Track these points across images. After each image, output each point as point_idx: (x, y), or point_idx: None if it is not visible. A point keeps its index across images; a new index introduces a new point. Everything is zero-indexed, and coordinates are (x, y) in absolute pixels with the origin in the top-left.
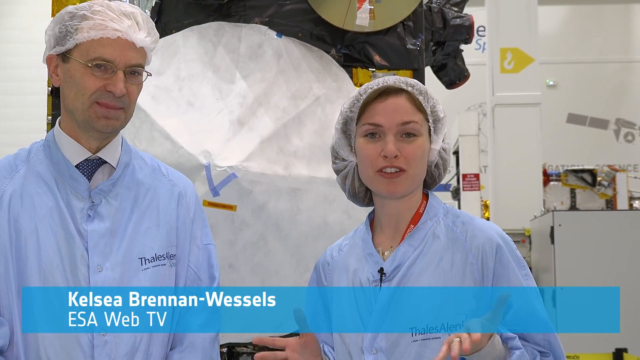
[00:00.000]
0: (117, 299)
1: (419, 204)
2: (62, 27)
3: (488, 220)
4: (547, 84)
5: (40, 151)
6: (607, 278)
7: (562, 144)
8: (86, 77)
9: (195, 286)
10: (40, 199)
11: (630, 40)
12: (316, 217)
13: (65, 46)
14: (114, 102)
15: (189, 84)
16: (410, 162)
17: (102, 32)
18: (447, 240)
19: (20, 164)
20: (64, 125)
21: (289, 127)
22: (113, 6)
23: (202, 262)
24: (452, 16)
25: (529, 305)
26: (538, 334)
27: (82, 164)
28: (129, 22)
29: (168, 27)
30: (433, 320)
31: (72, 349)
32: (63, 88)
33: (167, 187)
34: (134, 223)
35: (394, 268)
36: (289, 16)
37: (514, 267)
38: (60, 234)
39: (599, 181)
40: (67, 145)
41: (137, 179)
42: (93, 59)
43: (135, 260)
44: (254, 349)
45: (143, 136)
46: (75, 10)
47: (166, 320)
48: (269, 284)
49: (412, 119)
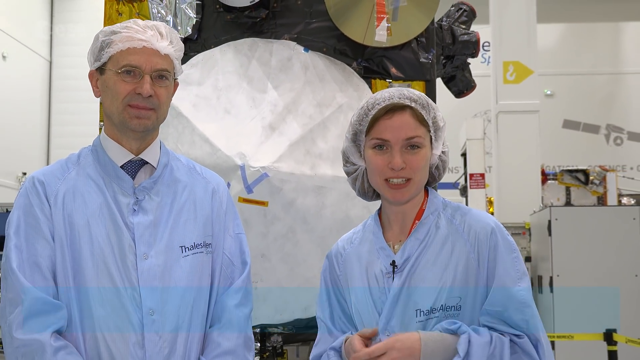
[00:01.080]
0: (162, 283)
1: (422, 201)
2: (98, 44)
3: (486, 212)
4: (545, 94)
5: (89, 154)
6: (599, 266)
7: (559, 147)
8: (118, 83)
9: (230, 271)
10: (91, 197)
11: (619, 54)
12: (339, 212)
13: (101, 60)
14: (144, 103)
15: (226, 93)
16: (415, 171)
17: (129, 43)
18: (448, 232)
19: (72, 166)
20: (107, 131)
21: (315, 132)
22: (139, 22)
23: (235, 249)
24: (461, 33)
25: (509, 287)
26: (516, 314)
27: (126, 165)
28: (152, 32)
29: (207, 43)
30: (434, 303)
31: (124, 327)
32: (102, 97)
33: (202, 184)
34: (174, 216)
35: (404, 260)
36: (314, 33)
37: (503, 252)
38: (109, 226)
39: (591, 180)
40: (112, 148)
41: (175, 177)
42: (123, 66)
43: (177, 248)
44: (283, 330)
45: (185, 140)
46: (107, 29)
47: (205, 301)
48: (297, 271)
49: (416, 133)
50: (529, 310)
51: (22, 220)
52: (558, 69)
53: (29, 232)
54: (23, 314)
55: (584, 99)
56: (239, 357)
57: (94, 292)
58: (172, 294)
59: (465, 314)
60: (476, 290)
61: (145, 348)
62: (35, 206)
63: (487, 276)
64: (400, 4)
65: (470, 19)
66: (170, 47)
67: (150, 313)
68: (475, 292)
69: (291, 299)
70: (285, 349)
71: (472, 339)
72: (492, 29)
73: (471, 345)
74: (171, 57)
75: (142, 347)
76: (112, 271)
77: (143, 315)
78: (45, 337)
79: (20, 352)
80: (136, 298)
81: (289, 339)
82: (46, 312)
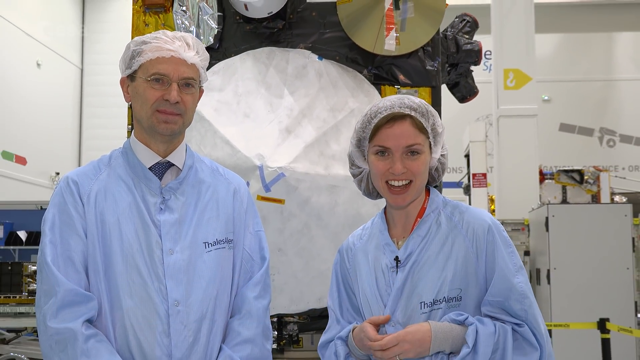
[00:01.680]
0: (187, 276)
1: (423, 200)
2: (129, 53)
3: (483, 210)
4: (542, 99)
5: (119, 156)
6: (593, 260)
7: (555, 149)
8: (148, 90)
9: (249, 265)
10: (121, 196)
11: (612, 62)
12: (351, 209)
13: (132, 68)
14: (172, 108)
15: (245, 98)
16: (415, 175)
17: (159, 52)
18: (448, 229)
19: (103, 167)
20: (137, 134)
21: (329, 135)
22: (168, 33)
23: (254, 245)
24: (464, 42)
25: (508, 280)
26: (516, 304)
27: (154, 167)
28: (179, 43)
29: (228, 52)
30: (437, 295)
31: (151, 317)
32: (133, 103)
33: (224, 185)
34: (198, 214)
35: (406, 256)
36: (328, 42)
37: (500, 246)
38: (138, 224)
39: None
40: (141, 151)
41: (199, 178)
42: (152, 74)
43: (200, 244)
44: (299, 319)
45: (207, 142)
46: (138, 39)
47: (227, 293)
48: (312, 264)
49: (415, 141)
50: (527, 300)
51: (57, 218)
52: (555, 76)
53: (63, 229)
54: (56, 305)
55: (579, 103)
56: (257, 345)
57: (123, 284)
58: (196, 287)
59: (466, 304)
60: (475, 282)
61: (170, 337)
62: (70, 204)
63: (485, 269)
64: (408, 15)
65: (473, 30)
66: (197, 57)
67: (175, 304)
68: (474, 284)
69: (306, 290)
70: (300, 337)
71: (479, 330)
72: (493, 38)
73: (478, 335)
74: (197, 66)
75: (168, 336)
76: (140, 265)
77: (169, 306)
78: (77, 326)
79: (54, 340)
80: (162, 290)
81: (304, 328)
82: (78, 303)
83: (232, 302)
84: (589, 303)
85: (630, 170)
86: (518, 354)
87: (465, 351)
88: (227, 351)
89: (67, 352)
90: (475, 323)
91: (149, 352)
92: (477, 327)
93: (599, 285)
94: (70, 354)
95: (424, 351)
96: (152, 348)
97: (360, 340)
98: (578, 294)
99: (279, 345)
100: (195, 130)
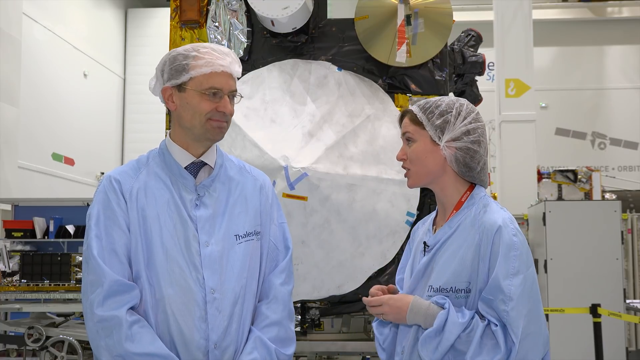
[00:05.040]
0: (221, 266)
1: (462, 194)
2: (178, 65)
3: (502, 211)
4: (540, 106)
5: (156, 156)
6: (586, 251)
7: (552, 151)
8: (202, 102)
9: (275, 254)
10: (160, 193)
11: (603, 73)
12: (367, 205)
13: (180, 79)
14: (223, 118)
15: (272, 105)
16: (410, 160)
17: (212, 67)
18: (470, 224)
19: (142, 167)
20: (175, 138)
21: (347, 138)
22: (215, 47)
23: (279, 236)
24: (469, 55)
25: (499, 281)
26: (501, 304)
27: (189, 166)
28: (229, 59)
29: (256, 63)
30: (445, 283)
31: (190, 304)
32: (180, 111)
33: (251, 181)
34: (229, 209)
35: (434, 243)
36: (346, 55)
37: (503, 249)
38: (176, 219)
39: (579, 178)
40: (178, 152)
41: (229, 175)
42: (208, 88)
43: (232, 237)
44: (320, 305)
45: (237, 145)
46: (186, 52)
47: (256, 280)
48: (332, 255)
49: (407, 130)
50: (512, 303)
51: (102, 214)
52: (551, 85)
53: (107, 224)
54: (103, 294)
55: (573, 110)
56: (283, 327)
57: (164, 274)
58: (229, 275)
59: (473, 297)
60: (478, 278)
61: (207, 322)
62: (113, 201)
63: (488, 268)
64: (419, 30)
65: (477, 43)
66: (240, 71)
67: (211, 292)
68: (478, 279)
69: (327, 278)
70: (321, 321)
71: (450, 316)
72: (495, 51)
73: (447, 321)
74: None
75: (205, 321)
76: (179, 257)
77: (206, 293)
78: (121, 313)
79: (101, 327)
80: (199, 279)
81: (325, 312)
82: (122, 292)
83: (260, 288)
84: (582, 290)
85: (620, 170)
86: (482, 350)
87: (429, 330)
88: (257, 332)
89: (112, 337)
90: (448, 309)
91: (188, 336)
92: (449, 313)
93: (591, 274)
94: (115, 338)
95: (401, 319)
96: (191, 333)
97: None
98: (572, 282)
99: (302, 329)
100: (227, 134)
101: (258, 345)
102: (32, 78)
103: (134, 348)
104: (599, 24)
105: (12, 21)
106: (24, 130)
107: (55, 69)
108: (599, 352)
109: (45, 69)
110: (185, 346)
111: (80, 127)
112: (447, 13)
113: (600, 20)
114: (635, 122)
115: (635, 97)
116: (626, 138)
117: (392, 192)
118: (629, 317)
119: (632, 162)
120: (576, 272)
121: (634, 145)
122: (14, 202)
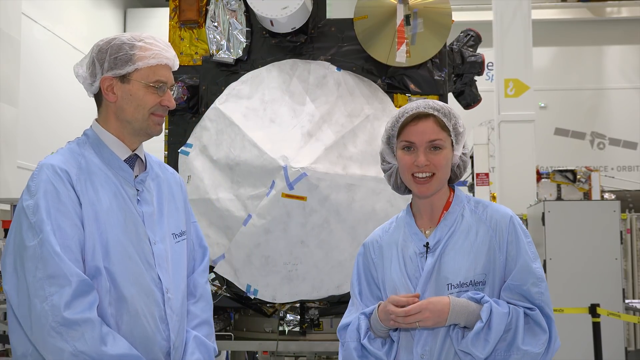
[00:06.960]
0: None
1: (448, 195)
2: (124, 55)
3: (503, 205)
4: (539, 106)
5: (89, 147)
6: (585, 251)
7: (551, 151)
8: (147, 95)
9: (194, 254)
10: (108, 185)
11: (601, 73)
12: (366, 205)
13: (124, 70)
14: (164, 112)
15: (271, 105)
16: (437, 168)
17: (158, 59)
18: (472, 220)
19: (79, 157)
20: (109, 127)
21: (346, 138)
22: (157, 38)
23: (197, 235)
24: (468, 55)
25: (528, 265)
26: (533, 287)
27: (127, 160)
28: (172, 51)
29: (255, 63)
30: (464, 278)
31: (151, 304)
32: (121, 103)
33: (172, 178)
34: (165, 207)
35: (435, 242)
36: (346, 55)
37: (521, 235)
38: (127, 215)
39: (578, 178)
40: (114, 144)
41: (155, 172)
42: (155, 81)
43: (170, 235)
44: (319, 305)
45: (237, 145)
46: (131, 42)
47: (185, 280)
48: (331, 255)
49: (437, 137)
50: (544, 284)
51: (51, 206)
52: (550, 85)
53: (59, 217)
54: (70, 295)
55: (572, 110)
56: (211, 325)
57: (123, 273)
58: (176, 275)
59: (488, 288)
60: (496, 269)
61: (167, 322)
62: (63, 193)
63: (505, 258)
64: (418, 30)
65: (476, 43)
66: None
67: (166, 291)
68: (495, 271)
69: (326, 278)
70: (321, 321)
71: (493, 308)
72: (495, 51)
73: (492, 313)
74: None
75: (165, 322)
76: (134, 255)
77: (164, 293)
78: (94, 315)
79: (66, 330)
80: (155, 279)
81: (324, 312)
82: (88, 292)
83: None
84: (581, 290)
85: (619, 170)
86: (528, 336)
87: (479, 325)
88: (193, 332)
89: (84, 340)
90: (490, 302)
91: (151, 337)
92: (492, 306)
93: (590, 274)
94: (89, 342)
95: (441, 321)
96: (154, 334)
97: (386, 313)
98: (571, 282)
99: (302, 329)
100: (226, 135)
101: (199, 345)
102: (31, 78)
103: (111, 350)
104: (598, 24)
105: (11, 21)
106: (23, 130)
107: (54, 69)
108: (598, 352)
109: (45, 69)
110: (148, 348)
111: (80, 127)
112: (446, 13)
113: (600, 20)
114: (635, 122)
115: (634, 97)
116: (625, 138)
117: (391, 192)
118: (628, 317)
119: (631, 162)
120: (575, 272)
121: (633, 145)
122: (13, 202)
